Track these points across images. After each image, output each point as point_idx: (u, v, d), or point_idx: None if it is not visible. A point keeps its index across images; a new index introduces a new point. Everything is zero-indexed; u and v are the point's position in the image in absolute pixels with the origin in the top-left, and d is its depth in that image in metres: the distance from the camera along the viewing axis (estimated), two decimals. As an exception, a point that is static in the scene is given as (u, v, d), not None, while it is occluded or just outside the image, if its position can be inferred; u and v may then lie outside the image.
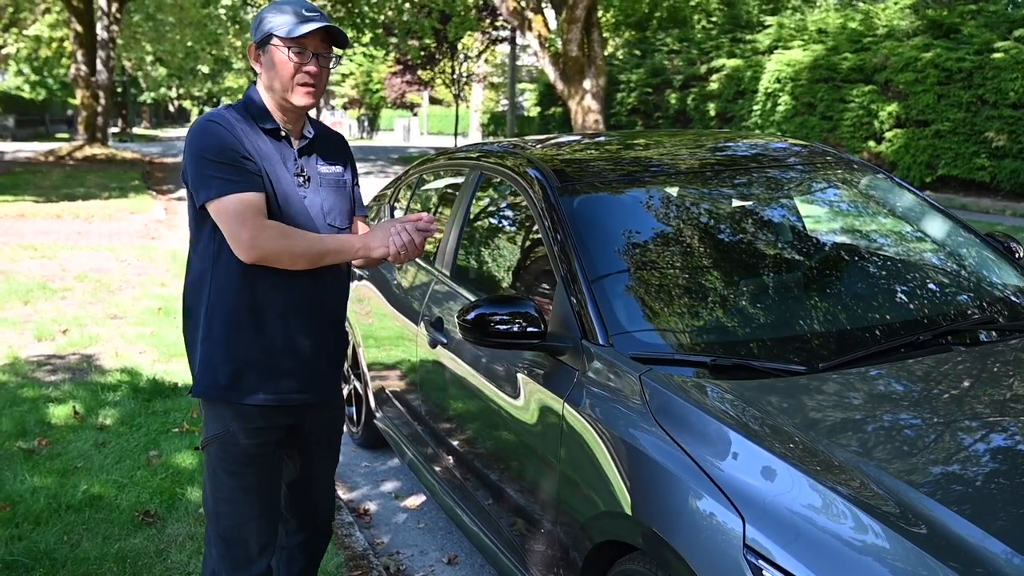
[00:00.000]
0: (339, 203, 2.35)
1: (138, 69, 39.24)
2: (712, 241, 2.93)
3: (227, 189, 2.10)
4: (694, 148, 3.49)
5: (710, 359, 2.36)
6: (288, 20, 2.17)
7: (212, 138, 2.13)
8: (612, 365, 2.38)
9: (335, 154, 2.39)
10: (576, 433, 2.37)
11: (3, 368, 5.16)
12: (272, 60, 2.19)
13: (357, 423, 4.56)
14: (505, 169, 3.28)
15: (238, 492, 2.26)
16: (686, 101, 21.35)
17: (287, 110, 2.24)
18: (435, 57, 28.19)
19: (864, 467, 1.86)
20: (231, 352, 2.19)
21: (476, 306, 2.59)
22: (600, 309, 2.54)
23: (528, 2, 18.46)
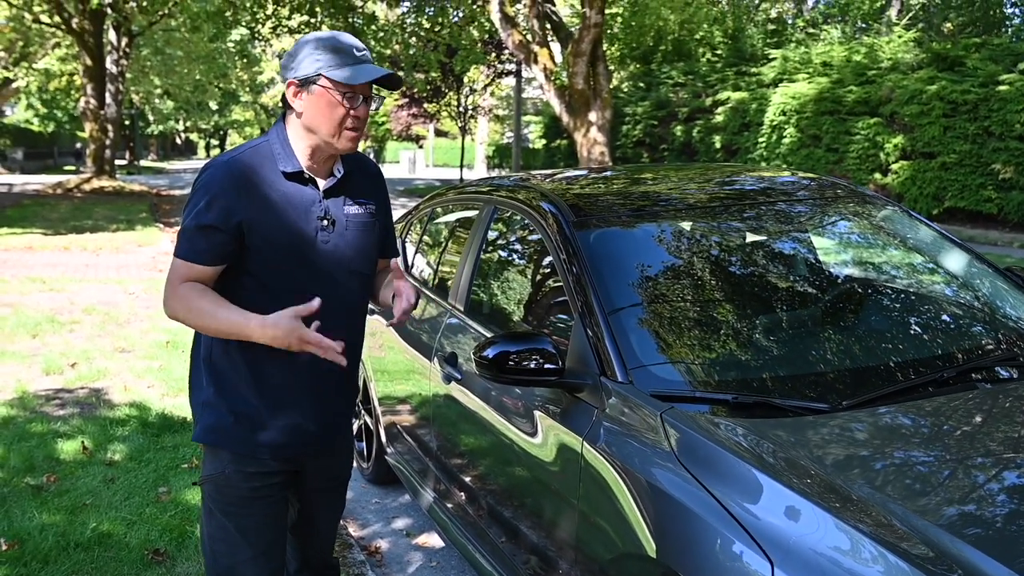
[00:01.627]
0: (365, 246, 2.24)
1: (146, 102, 39.57)
2: (730, 276, 2.90)
3: (184, 252, 2.10)
4: (704, 182, 3.48)
5: (732, 397, 2.33)
6: (340, 60, 2.05)
7: (203, 198, 2.07)
8: (632, 403, 2.35)
9: (366, 191, 2.27)
10: (596, 472, 2.34)
11: (11, 402, 5.13)
12: (319, 102, 2.07)
13: (368, 459, 4.51)
14: (519, 203, 3.27)
15: (233, 532, 2.22)
16: (691, 133, 21.44)
17: (321, 151, 2.14)
18: (441, 90, 28.38)
19: (892, 507, 1.83)
20: (230, 400, 2.17)
21: (492, 343, 2.56)
22: (619, 345, 2.51)
23: (534, 35, 18.59)
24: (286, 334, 1.98)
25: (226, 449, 2.19)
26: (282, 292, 2.11)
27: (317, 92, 2.06)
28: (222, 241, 2.06)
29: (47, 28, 25.85)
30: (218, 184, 2.06)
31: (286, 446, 2.21)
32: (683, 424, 2.20)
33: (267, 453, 2.19)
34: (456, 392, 3.18)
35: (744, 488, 1.97)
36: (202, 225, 2.05)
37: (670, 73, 23.10)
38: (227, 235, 2.06)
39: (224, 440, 2.18)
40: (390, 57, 24.47)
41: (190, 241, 2.07)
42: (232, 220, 2.05)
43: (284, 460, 2.23)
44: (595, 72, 18.18)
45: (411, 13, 23.54)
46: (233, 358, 2.15)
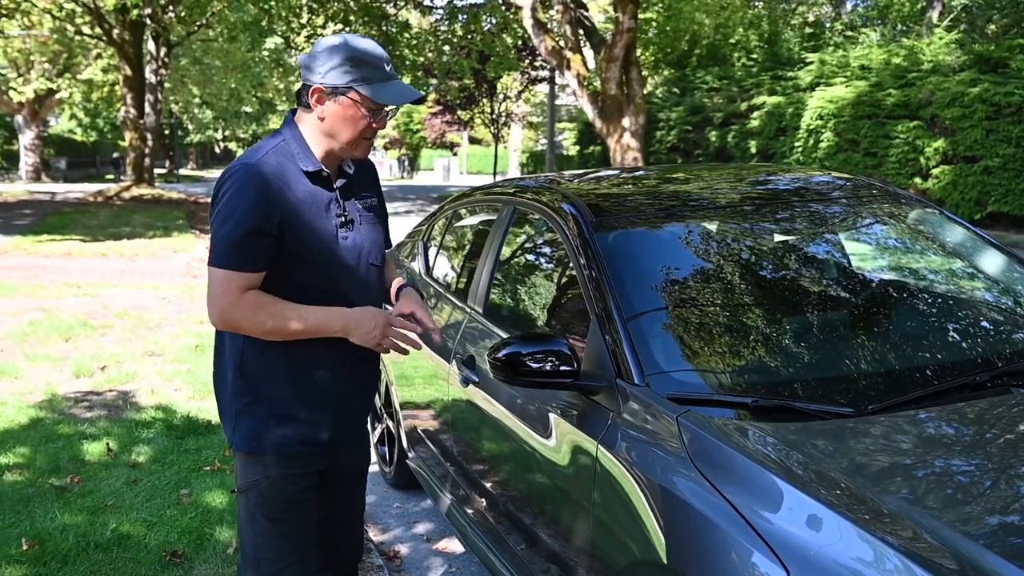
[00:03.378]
0: (377, 239, 2.31)
1: (185, 111, 40.13)
2: (752, 277, 2.83)
3: (227, 261, 2.05)
4: (733, 182, 3.40)
5: (751, 400, 2.26)
6: (371, 75, 2.08)
7: (241, 203, 2.04)
8: (648, 406, 2.29)
9: (367, 185, 2.32)
10: (610, 476, 2.28)
11: (41, 404, 5.17)
12: (345, 113, 2.10)
13: (390, 463, 4.48)
14: (538, 204, 3.22)
15: (278, 538, 2.22)
16: (726, 138, 21.24)
17: (334, 154, 2.17)
18: (474, 97, 28.43)
19: (917, 516, 1.74)
20: (270, 403, 2.17)
21: (507, 344, 2.52)
22: (635, 347, 2.45)
23: (566, 41, 18.56)
24: (372, 318, 2.11)
25: (271, 453, 2.18)
26: (314, 290, 2.14)
27: (345, 103, 2.09)
28: (270, 244, 2.06)
29: (89, 39, 26.30)
30: (254, 187, 2.05)
31: (329, 441, 2.23)
32: (699, 428, 2.14)
33: (311, 451, 2.20)
34: (474, 395, 3.14)
35: (761, 494, 1.91)
36: (250, 231, 2.03)
37: (705, 78, 22.92)
38: (270, 238, 2.05)
39: (269, 445, 2.18)
40: (423, 65, 24.59)
41: (241, 250, 2.04)
42: (274, 220, 2.05)
43: (326, 456, 2.24)
44: (628, 77, 18.11)
45: (444, 20, 23.61)
46: (270, 359, 2.15)
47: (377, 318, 2.15)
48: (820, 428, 2.16)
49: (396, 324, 2.17)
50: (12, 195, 25.21)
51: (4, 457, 4.27)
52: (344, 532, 2.46)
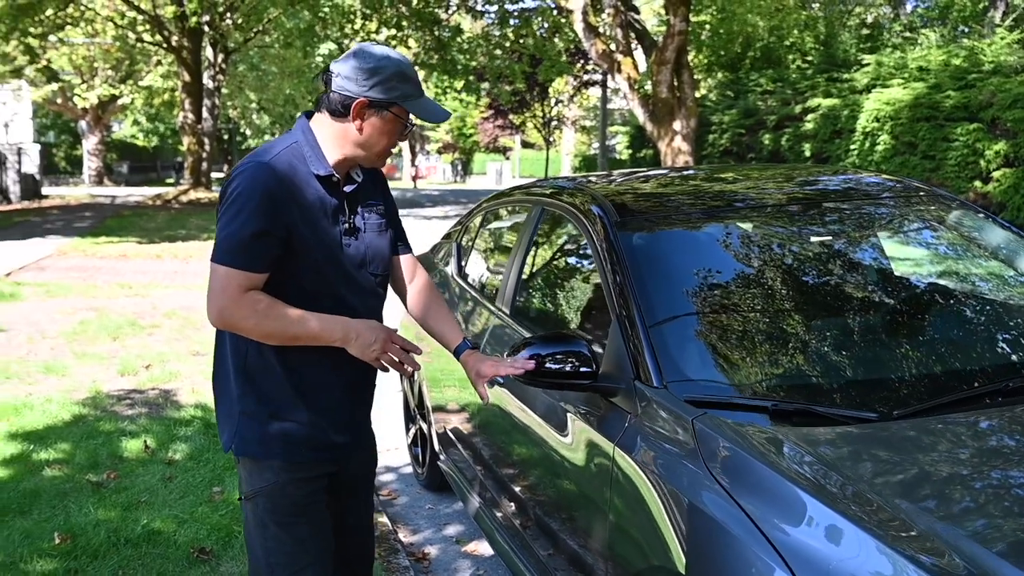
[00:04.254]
0: (380, 249, 2.27)
1: (242, 117, 40.85)
2: (777, 279, 2.75)
3: (232, 259, 2.01)
4: (770, 182, 3.33)
5: (771, 404, 2.19)
6: (412, 92, 2.10)
7: (249, 202, 2.01)
8: (665, 408, 2.24)
9: (374, 193, 2.28)
10: (627, 480, 2.23)
11: (85, 401, 5.28)
12: (385, 127, 2.10)
13: (422, 464, 4.48)
14: (564, 204, 3.19)
15: (290, 543, 2.18)
16: (780, 141, 20.92)
17: (351, 161, 2.16)
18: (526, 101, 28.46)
19: (943, 530, 1.67)
20: (272, 407, 2.14)
21: (527, 344, 2.49)
22: (655, 348, 2.40)
23: (617, 45, 18.47)
24: (373, 332, 2.08)
25: (277, 459, 2.14)
26: (318, 295, 2.11)
27: (388, 118, 2.09)
28: (276, 245, 2.03)
29: (150, 46, 26.92)
30: (264, 186, 2.01)
31: (336, 445, 2.21)
32: (715, 431, 2.08)
33: (319, 455, 2.18)
34: (499, 397, 3.12)
35: (778, 503, 1.85)
36: (256, 232, 2.00)
37: (758, 80, 22.62)
38: (276, 239, 2.02)
39: (274, 451, 2.14)
40: (475, 69, 24.68)
41: (246, 250, 2.00)
42: (281, 222, 2.02)
43: (334, 460, 2.23)
44: (680, 80, 17.95)
45: (495, 25, 23.67)
46: (269, 362, 2.12)
47: (379, 332, 2.11)
48: (842, 433, 2.09)
49: (397, 342, 2.13)
50: (75, 198, 25.91)
51: (45, 453, 4.37)
52: (353, 535, 2.42)
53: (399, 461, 4.87)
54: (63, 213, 20.71)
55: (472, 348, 2.37)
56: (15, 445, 4.47)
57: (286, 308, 2.04)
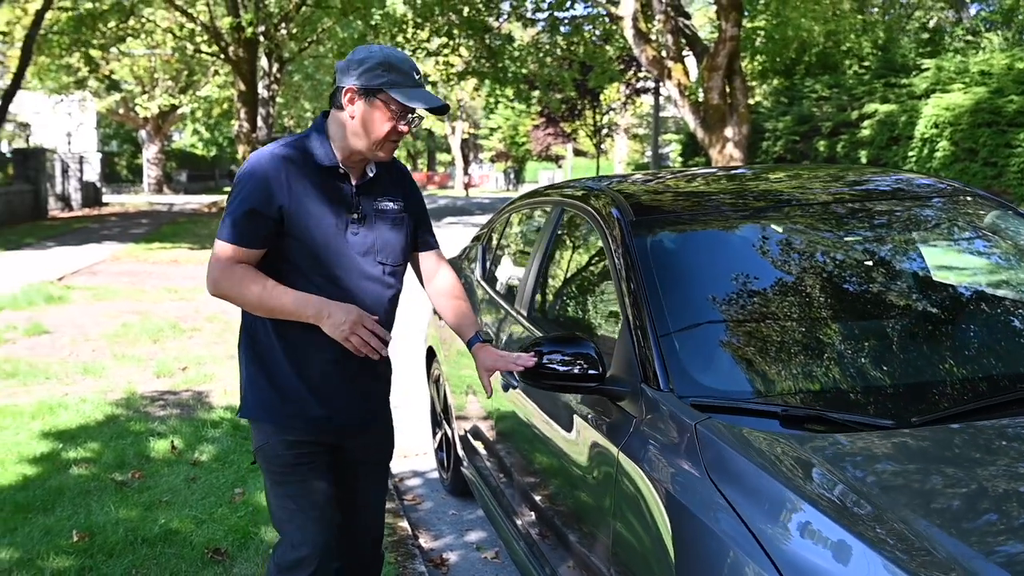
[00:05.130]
0: (393, 240, 2.39)
1: (298, 126, 41.46)
2: (795, 280, 2.64)
3: (228, 235, 2.23)
4: (803, 181, 3.21)
5: (781, 408, 2.09)
6: (402, 80, 2.22)
7: (246, 186, 2.24)
8: (669, 412, 2.16)
9: (395, 189, 2.41)
10: (630, 485, 2.15)
11: (119, 402, 5.33)
12: (374, 113, 2.22)
13: (447, 469, 4.43)
14: (581, 204, 3.12)
15: (285, 498, 2.38)
16: (835, 148, 20.52)
17: (359, 153, 2.29)
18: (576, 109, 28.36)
19: (962, 551, 1.55)
20: (272, 379, 2.33)
21: (534, 346, 2.43)
22: (662, 349, 2.32)
23: (667, 51, 18.29)
24: (345, 314, 2.19)
25: (268, 422, 2.35)
26: (315, 277, 2.28)
27: (376, 104, 2.22)
28: (264, 225, 2.22)
29: (207, 57, 27.46)
30: (260, 172, 2.23)
31: (319, 424, 2.35)
32: (717, 436, 1.99)
33: (303, 426, 2.35)
34: (513, 401, 3.05)
35: (778, 513, 1.75)
36: (247, 211, 2.21)
37: (814, 86, 22.23)
38: (269, 219, 2.21)
39: (266, 414, 2.35)
40: (525, 77, 24.68)
41: (237, 226, 2.22)
42: (273, 205, 2.21)
43: (320, 434, 2.38)
44: (732, 86, 17.70)
45: (546, 32, 23.64)
46: (270, 337, 2.32)
47: (350, 314, 2.21)
48: (855, 441, 1.98)
49: (368, 326, 2.23)
50: (134, 206, 26.53)
51: (74, 452, 4.41)
52: (359, 518, 2.56)
53: (426, 466, 4.83)
54: (121, 220, 21.19)
55: (484, 342, 2.49)
56: (46, 444, 4.52)
57: (268, 283, 2.22)
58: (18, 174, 22.63)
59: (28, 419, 4.90)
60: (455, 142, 46.29)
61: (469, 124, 50.43)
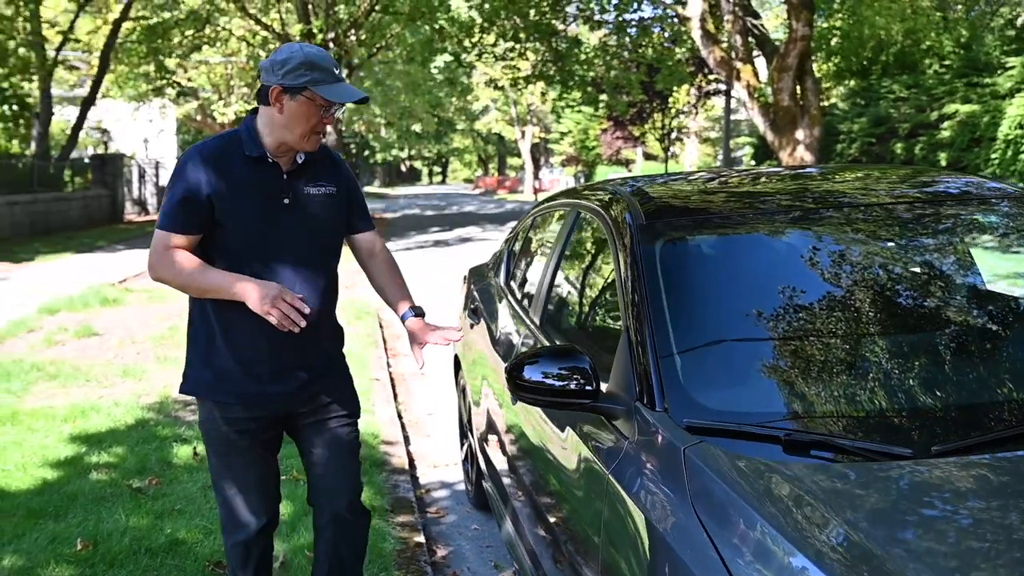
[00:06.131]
0: (325, 220, 2.54)
1: (369, 131, 41.93)
2: (811, 291, 2.40)
3: (163, 223, 2.41)
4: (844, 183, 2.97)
5: (784, 432, 1.88)
6: (324, 78, 2.36)
7: (179, 178, 2.41)
8: (660, 434, 1.97)
9: (326, 174, 2.55)
10: (617, 513, 1.98)
11: (152, 406, 5.32)
12: (299, 110, 2.36)
13: (472, 482, 4.28)
14: (594, 206, 2.94)
15: (225, 470, 2.56)
16: (913, 150, 19.77)
17: (286, 144, 2.43)
18: (644, 113, 27.97)
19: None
20: (210, 358, 2.47)
21: (524, 358, 2.27)
22: (660, 366, 2.13)
23: (736, 52, 17.86)
24: (265, 289, 2.30)
25: (209, 398, 2.50)
26: (250, 260, 2.42)
27: (300, 101, 2.36)
28: (195, 212, 2.38)
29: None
30: (189, 164, 2.40)
31: (255, 400, 2.48)
32: (705, 464, 1.80)
33: (239, 402, 2.47)
34: (520, 414, 2.89)
35: (764, 558, 1.56)
36: (177, 199, 2.39)
37: (891, 87, 21.48)
38: (199, 207, 2.37)
39: (204, 391, 2.51)
40: (593, 80, 24.44)
41: (169, 214, 2.40)
42: (202, 193, 2.37)
43: (257, 409, 2.50)
44: (803, 87, 17.17)
45: (612, 34, 23.36)
46: (208, 319, 2.46)
47: (270, 289, 2.32)
48: (864, 473, 1.77)
49: (287, 300, 2.31)
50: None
51: (97, 456, 4.39)
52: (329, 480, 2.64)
53: (454, 477, 4.68)
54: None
55: (416, 316, 2.67)
56: (72, 447, 4.51)
57: (197, 265, 2.38)
58: (96, 179, 23.36)
59: (60, 422, 4.92)
60: (525, 146, 46.21)
61: (540, 128, 50.33)
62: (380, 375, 6.47)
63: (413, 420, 5.77)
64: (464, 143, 64.10)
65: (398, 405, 5.96)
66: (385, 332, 8.39)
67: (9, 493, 3.89)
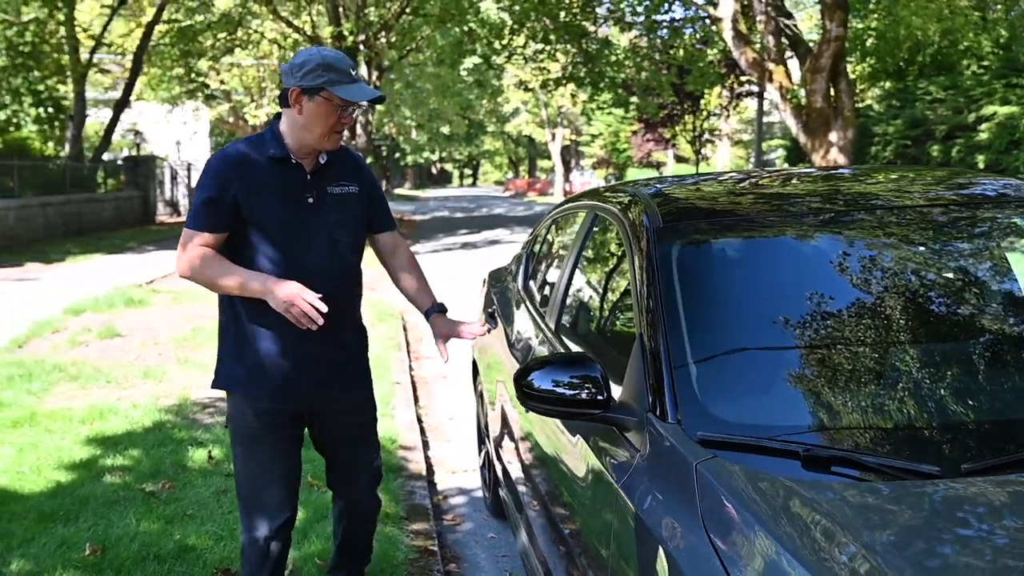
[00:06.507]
0: (346, 219, 2.63)
1: (399, 133, 42.02)
2: (836, 297, 2.28)
3: (191, 223, 2.53)
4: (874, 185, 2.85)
5: (803, 448, 1.77)
6: (340, 78, 2.45)
7: (206, 179, 2.52)
8: (672, 447, 1.87)
9: (348, 175, 2.65)
10: (627, 528, 1.89)
11: (170, 408, 5.28)
12: (318, 110, 2.46)
13: (489, 489, 4.20)
14: (611, 208, 2.85)
15: (251, 464, 2.65)
16: (950, 153, 19.40)
17: (308, 144, 2.52)
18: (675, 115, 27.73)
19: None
20: (240, 354, 2.58)
21: (532, 366, 2.19)
22: (674, 375, 2.03)
23: (768, 52, 17.63)
24: (285, 288, 2.39)
25: (237, 392, 2.62)
26: (276, 257, 2.52)
27: (318, 101, 2.46)
28: (220, 212, 2.48)
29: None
30: (216, 166, 2.52)
31: (281, 394, 2.58)
32: (718, 480, 1.70)
33: (266, 395, 2.57)
34: (534, 421, 2.80)
35: (777, 576, 1.45)
36: (204, 200, 2.49)
37: (928, 88, 21.10)
38: (224, 207, 2.48)
39: (234, 384, 2.62)
40: (623, 82, 24.28)
41: (196, 214, 2.51)
42: (228, 192, 2.47)
43: (283, 403, 2.60)
44: (836, 89, 16.92)
45: (643, 36, 23.18)
46: (237, 316, 2.57)
47: (290, 288, 2.40)
48: (890, 491, 1.66)
49: (306, 298, 2.38)
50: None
51: (112, 459, 4.35)
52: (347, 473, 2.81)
53: (472, 483, 4.60)
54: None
55: (439, 312, 2.76)
56: (88, 449, 4.48)
57: (223, 263, 2.48)
58: (128, 181, 23.58)
59: (77, 423, 4.89)
60: (555, 149, 46.08)
61: (570, 131, 50.17)
62: (401, 379, 6.40)
63: (434, 424, 5.70)
64: (495, 145, 64.08)
65: (419, 409, 5.89)
66: (408, 335, 8.33)
67: (22, 496, 3.87)
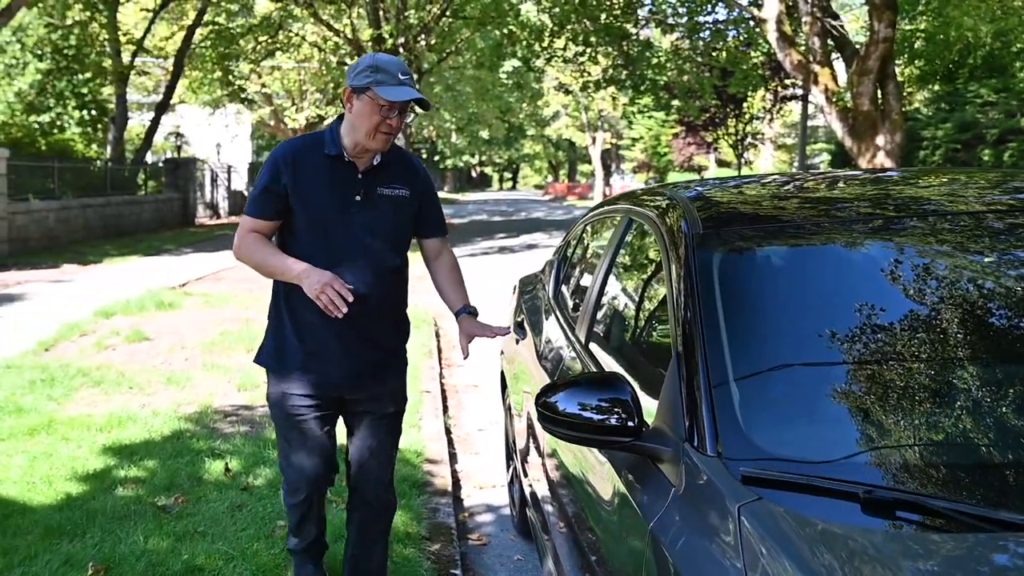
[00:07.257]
0: (393, 220, 2.75)
1: (439, 136, 41.99)
2: (902, 316, 2.03)
3: (249, 209, 2.73)
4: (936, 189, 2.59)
5: (863, 490, 1.53)
6: (388, 79, 2.57)
7: (265, 170, 2.71)
8: (711, 485, 1.64)
9: (402, 177, 2.77)
10: (660, 572, 1.65)
11: (191, 416, 5.14)
12: (363, 109, 2.59)
13: (516, 506, 3.98)
14: (647, 214, 2.63)
15: (289, 433, 2.81)
16: (1002, 157, 18.83)
17: (359, 144, 2.64)
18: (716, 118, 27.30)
19: None
20: (281, 337, 2.75)
21: (557, 387, 1.98)
22: (714, 400, 1.80)
23: (814, 55, 17.22)
24: (318, 275, 2.53)
25: (274, 373, 2.78)
26: (317, 247, 2.65)
27: (364, 100, 2.59)
28: (273, 200, 2.67)
29: (350, 69, 28.06)
30: (275, 157, 2.70)
31: (315, 380, 2.72)
32: (763, 527, 1.47)
33: (302, 381, 2.72)
34: (556, 442, 2.58)
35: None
36: (260, 188, 2.70)
37: (979, 91, 20.51)
38: (276, 196, 2.67)
39: (271, 365, 2.79)
40: (665, 84, 23.95)
41: (253, 200, 2.73)
42: (280, 183, 2.66)
43: (318, 389, 2.74)
44: (884, 92, 16.46)
45: (685, 38, 22.83)
46: (279, 302, 2.75)
47: (323, 276, 2.54)
48: (967, 544, 1.42)
49: (336, 287, 2.51)
50: (278, 214, 27.26)
51: (126, 470, 4.20)
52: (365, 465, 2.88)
53: (500, 500, 4.38)
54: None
55: (469, 314, 2.87)
56: (103, 459, 4.34)
57: (269, 249, 2.68)
58: (168, 183, 23.74)
59: (95, 432, 4.75)
60: (595, 152, 45.75)
61: (611, 134, 49.81)
62: (431, 387, 6.21)
63: (463, 436, 5.50)
64: (535, 149, 63.85)
65: (447, 419, 5.69)
66: (440, 341, 8.14)
67: (30, 508, 3.72)
